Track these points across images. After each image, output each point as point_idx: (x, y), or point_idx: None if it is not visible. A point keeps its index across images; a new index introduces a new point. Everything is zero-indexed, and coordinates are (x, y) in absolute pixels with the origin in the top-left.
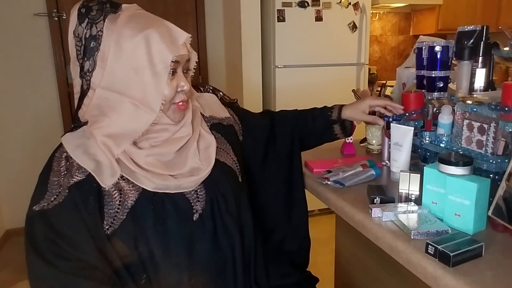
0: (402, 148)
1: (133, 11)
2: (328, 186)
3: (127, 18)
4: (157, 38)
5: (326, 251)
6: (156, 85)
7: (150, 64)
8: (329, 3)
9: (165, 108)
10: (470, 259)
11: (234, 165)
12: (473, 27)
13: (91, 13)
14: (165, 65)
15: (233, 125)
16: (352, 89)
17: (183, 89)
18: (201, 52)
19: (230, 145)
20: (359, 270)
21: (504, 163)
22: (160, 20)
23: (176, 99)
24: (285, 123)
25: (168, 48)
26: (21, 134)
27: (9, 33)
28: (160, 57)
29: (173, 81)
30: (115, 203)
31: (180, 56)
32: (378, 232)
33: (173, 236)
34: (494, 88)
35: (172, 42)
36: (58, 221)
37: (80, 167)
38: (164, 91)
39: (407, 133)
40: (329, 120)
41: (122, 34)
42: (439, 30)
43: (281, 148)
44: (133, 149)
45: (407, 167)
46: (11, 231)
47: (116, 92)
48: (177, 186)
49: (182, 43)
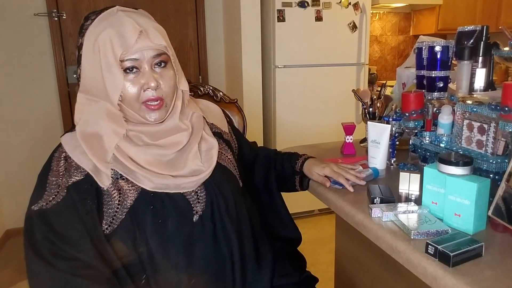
0: (379, 146)
1: (110, 13)
2: (329, 187)
3: (97, 21)
4: (111, 37)
5: (326, 251)
6: (113, 84)
7: (107, 65)
8: (329, 3)
9: (135, 108)
10: (470, 259)
11: (235, 170)
12: (473, 27)
13: (86, 23)
14: (116, 63)
15: (230, 141)
16: (352, 89)
17: (149, 86)
18: (201, 52)
19: (231, 152)
20: (359, 270)
21: (504, 163)
22: (122, 18)
23: (143, 97)
24: (263, 162)
25: (119, 45)
26: (21, 134)
27: (9, 33)
28: (113, 55)
29: (136, 78)
30: (114, 203)
31: (139, 52)
32: (378, 232)
33: (172, 237)
34: (494, 88)
35: (124, 39)
36: (57, 221)
37: (79, 167)
38: (125, 89)
39: (384, 130)
40: (293, 170)
41: (88, 39)
42: (439, 30)
43: (259, 183)
44: (130, 146)
45: (384, 164)
46: (11, 231)
47: (88, 94)
48: (177, 186)
49: (136, 38)
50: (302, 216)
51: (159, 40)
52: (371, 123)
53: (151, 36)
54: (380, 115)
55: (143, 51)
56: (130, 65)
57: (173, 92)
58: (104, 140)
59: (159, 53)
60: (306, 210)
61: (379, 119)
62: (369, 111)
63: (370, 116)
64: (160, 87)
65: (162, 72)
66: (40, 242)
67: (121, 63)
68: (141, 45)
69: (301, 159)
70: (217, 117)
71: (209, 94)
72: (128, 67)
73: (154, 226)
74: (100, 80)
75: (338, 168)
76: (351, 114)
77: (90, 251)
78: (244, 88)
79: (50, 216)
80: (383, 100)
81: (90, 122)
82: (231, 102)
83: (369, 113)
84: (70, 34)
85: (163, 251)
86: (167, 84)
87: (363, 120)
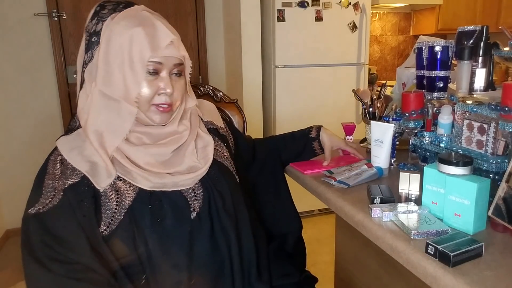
0: (382, 145)
1: (136, 10)
2: (329, 186)
3: (123, 16)
4: (141, 37)
5: (326, 251)
6: (133, 82)
7: (130, 62)
8: (329, 3)
9: (144, 108)
10: (470, 259)
11: (231, 166)
12: (473, 27)
13: (103, 11)
14: (142, 63)
15: (226, 136)
16: (352, 89)
17: (165, 92)
18: (201, 52)
19: (226, 149)
20: (359, 270)
21: (504, 163)
22: (153, 20)
23: (156, 100)
24: (264, 146)
25: (149, 46)
26: (21, 134)
27: (10, 33)
28: (139, 55)
29: (154, 81)
30: (112, 204)
31: (164, 57)
32: (378, 232)
33: (171, 235)
34: (494, 88)
35: (154, 42)
36: (53, 224)
37: (75, 169)
38: (141, 89)
39: (387, 130)
40: (308, 137)
41: (113, 31)
42: (439, 30)
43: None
44: (128, 147)
45: (387, 163)
46: (11, 231)
47: (102, 88)
48: (174, 183)
49: (167, 44)
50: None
51: (184, 51)
52: (375, 122)
53: (179, 46)
54: (380, 115)
55: (168, 57)
56: (153, 68)
57: (181, 100)
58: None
59: (180, 62)
60: (306, 210)
61: (379, 119)
62: (369, 111)
63: (370, 116)
64: (173, 94)
65: (176, 80)
66: (37, 246)
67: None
68: (169, 52)
69: (315, 127)
70: (211, 113)
71: (209, 94)
72: (150, 69)
73: (153, 225)
74: (118, 74)
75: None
76: (351, 114)
77: (88, 253)
78: (244, 88)
79: (46, 219)
80: (383, 100)
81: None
82: (231, 102)
83: (369, 113)
84: (70, 34)
85: (162, 250)
86: (179, 92)
87: (363, 120)
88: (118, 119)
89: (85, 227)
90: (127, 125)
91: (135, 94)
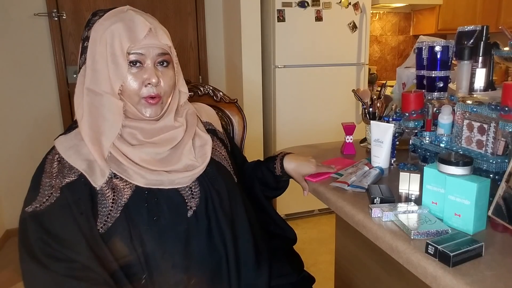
0: (382, 145)
1: (120, 9)
2: (329, 187)
3: (106, 16)
4: (120, 30)
5: (326, 251)
6: (116, 75)
7: (113, 56)
8: (329, 3)
9: (134, 101)
10: (470, 259)
11: (229, 166)
12: (473, 27)
13: (94, 18)
14: (123, 56)
15: (224, 139)
16: (352, 89)
17: (150, 82)
18: (201, 52)
19: (224, 149)
20: (359, 270)
21: (504, 163)
22: (133, 15)
23: (144, 92)
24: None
25: (127, 38)
26: (21, 134)
27: (9, 33)
28: (120, 48)
29: (139, 73)
30: (109, 202)
31: (145, 48)
32: (378, 232)
33: (167, 234)
34: (494, 88)
35: (132, 33)
36: (50, 222)
37: (72, 167)
38: (126, 81)
39: (387, 130)
40: (276, 176)
41: (98, 31)
42: (439, 30)
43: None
44: (125, 146)
45: (388, 162)
46: (11, 231)
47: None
48: (171, 181)
49: (145, 34)
50: (302, 216)
51: (166, 40)
52: (375, 122)
53: (159, 35)
54: (380, 115)
55: (149, 47)
56: (134, 58)
57: (170, 91)
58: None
59: (163, 52)
60: (306, 210)
61: (379, 119)
62: (369, 111)
63: (370, 116)
64: (160, 84)
65: (164, 71)
66: (34, 244)
67: (127, 56)
68: (148, 41)
69: (278, 159)
70: (211, 116)
71: (209, 94)
72: (132, 60)
73: (149, 223)
74: (103, 70)
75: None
76: (351, 114)
77: (85, 252)
78: (244, 88)
79: (44, 217)
80: (383, 100)
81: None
82: (231, 102)
83: (369, 113)
84: (70, 34)
85: (159, 248)
86: (166, 83)
87: (363, 120)
88: (107, 113)
89: (82, 225)
90: (117, 118)
91: (118, 87)
